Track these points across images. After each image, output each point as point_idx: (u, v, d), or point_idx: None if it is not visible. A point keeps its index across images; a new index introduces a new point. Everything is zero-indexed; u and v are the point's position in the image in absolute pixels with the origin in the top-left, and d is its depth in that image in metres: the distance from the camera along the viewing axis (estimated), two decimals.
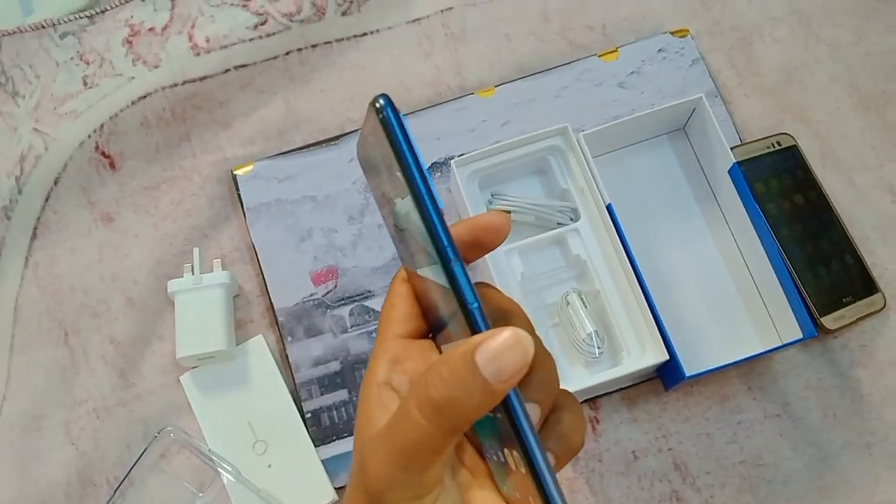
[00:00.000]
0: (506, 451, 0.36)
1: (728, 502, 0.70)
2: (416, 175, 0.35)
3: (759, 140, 0.77)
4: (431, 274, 0.36)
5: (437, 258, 0.35)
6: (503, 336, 0.33)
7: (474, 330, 0.35)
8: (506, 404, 0.34)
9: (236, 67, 0.80)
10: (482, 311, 0.35)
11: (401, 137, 0.35)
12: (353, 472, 0.39)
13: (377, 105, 0.35)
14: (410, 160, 0.35)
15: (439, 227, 0.35)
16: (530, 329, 0.39)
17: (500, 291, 0.42)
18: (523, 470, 0.35)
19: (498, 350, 0.33)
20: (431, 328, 0.42)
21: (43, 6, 0.82)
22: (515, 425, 0.34)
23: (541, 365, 0.40)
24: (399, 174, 0.35)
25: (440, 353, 0.41)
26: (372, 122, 0.36)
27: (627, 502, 0.70)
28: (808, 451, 0.71)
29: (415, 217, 0.35)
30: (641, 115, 0.73)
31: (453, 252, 0.35)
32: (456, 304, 0.35)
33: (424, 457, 0.35)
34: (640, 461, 0.71)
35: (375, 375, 0.40)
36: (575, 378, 0.68)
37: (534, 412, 0.38)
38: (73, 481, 0.70)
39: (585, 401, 0.72)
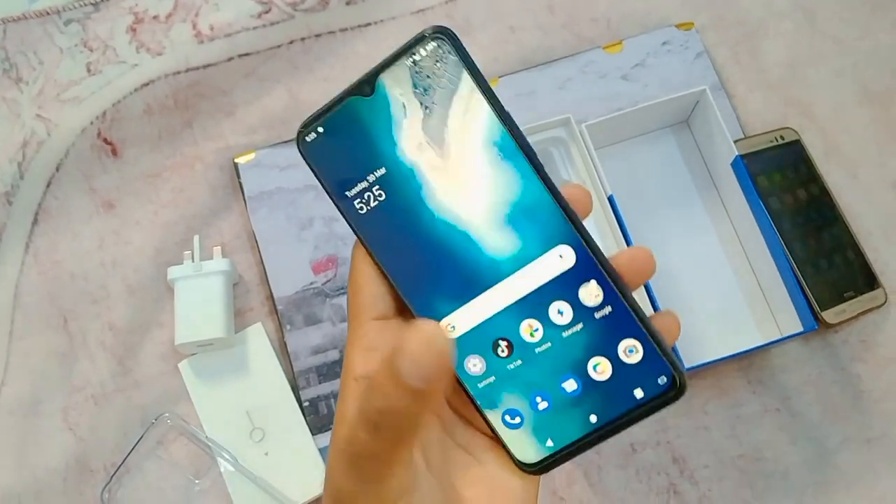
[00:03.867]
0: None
1: (726, 496, 0.69)
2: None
3: (762, 134, 0.77)
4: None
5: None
6: (415, 337, 0.32)
7: None
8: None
9: (240, 56, 0.80)
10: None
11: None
12: (325, 476, 0.38)
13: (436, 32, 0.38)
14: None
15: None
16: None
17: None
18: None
19: (414, 354, 0.32)
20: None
21: None
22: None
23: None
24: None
25: None
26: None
27: (625, 495, 0.70)
28: (808, 445, 0.70)
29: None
30: (645, 107, 0.72)
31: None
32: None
33: (378, 469, 0.34)
34: (638, 454, 0.70)
35: (352, 369, 0.38)
36: None
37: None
38: (71, 467, 0.70)
39: None
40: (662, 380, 0.36)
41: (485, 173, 0.38)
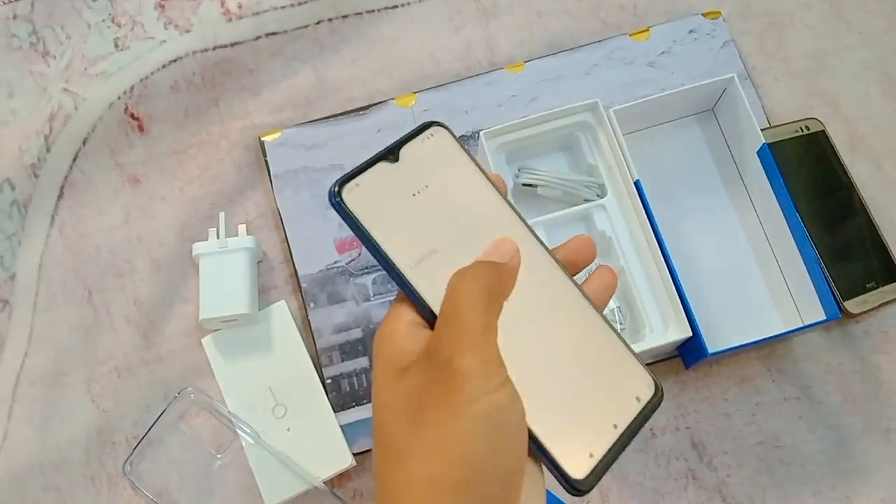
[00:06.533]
0: None
1: (744, 483, 0.70)
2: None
3: (787, 123, 0.77)
4: None
5: None
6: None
7: None
8: None
9: (267, 35, 0.80)
10: None
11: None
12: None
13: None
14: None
15: None
16: None
17: None
18: None
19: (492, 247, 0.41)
20: None
21: None
22: None
23: None
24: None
25: None
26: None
27: (644, 479, 0.70)
28: (827, 434, 0.71)
29: None
30: (672, 94, 0.72)
31: None
32: None
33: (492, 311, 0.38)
34: (657, 439, 0.71)
35: (403, 316, 0.39)
36: None
37: None
38: (93, 439, 0.71)
39: None
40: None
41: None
